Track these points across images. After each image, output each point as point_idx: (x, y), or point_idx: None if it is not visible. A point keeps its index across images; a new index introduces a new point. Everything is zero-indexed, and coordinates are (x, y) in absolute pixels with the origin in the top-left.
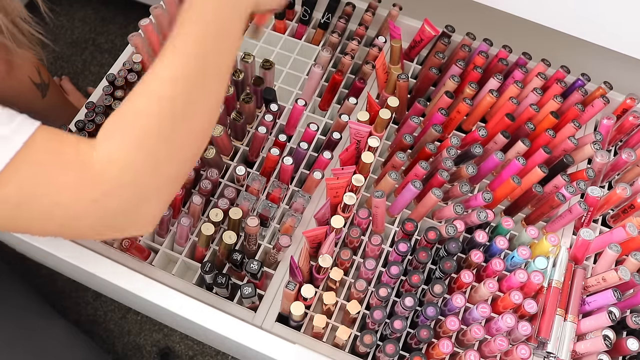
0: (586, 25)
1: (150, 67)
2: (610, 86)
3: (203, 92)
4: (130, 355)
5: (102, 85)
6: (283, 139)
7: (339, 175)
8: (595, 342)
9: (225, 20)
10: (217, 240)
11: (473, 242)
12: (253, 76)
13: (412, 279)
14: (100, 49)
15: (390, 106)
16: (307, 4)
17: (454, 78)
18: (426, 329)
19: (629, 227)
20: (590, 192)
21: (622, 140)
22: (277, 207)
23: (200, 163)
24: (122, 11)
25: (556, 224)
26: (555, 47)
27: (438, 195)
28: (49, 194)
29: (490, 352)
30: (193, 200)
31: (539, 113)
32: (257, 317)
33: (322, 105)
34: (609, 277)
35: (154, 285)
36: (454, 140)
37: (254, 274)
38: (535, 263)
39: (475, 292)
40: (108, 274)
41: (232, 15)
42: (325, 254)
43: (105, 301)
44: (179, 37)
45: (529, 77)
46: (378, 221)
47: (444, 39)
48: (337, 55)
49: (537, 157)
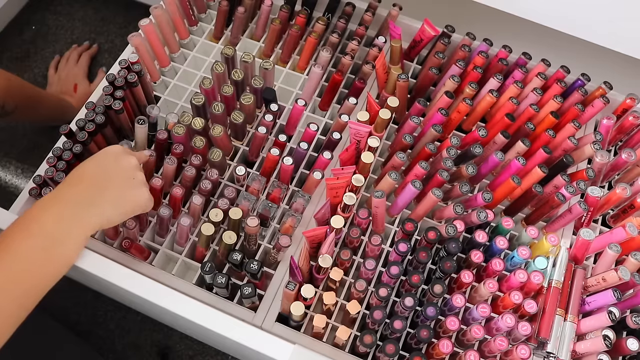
0: (586, 25)
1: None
2: (610, 86)
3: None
4: (130, 355)
5: (102, 85)
6: (283, 139)
7: (339, 175)
8: (595, 342)
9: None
10: (217, 240)
11: (473, 242)
12: (253, 76)
13: (412, 279)
14: (100, 49)
15: (390, 106)
16: (307, 4)
17: (454, 78)
18: (426, 329)
19: (629, 227)
20: (590, 192)
21: (622, 140)
22: (277, 207)
23: (202, 161)
24: (122, 11)
25: (556, 224)
26: (555, 47)
27: (438, 195)
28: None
29: (490, 352)
30: (193, 200)
31: (539, 113)
32: (257, 317)
33: (322, 105)
34: (609, 277)
35: (154, 285)
36: (454, 140)
37: (254, 274)
38: (535, 263)
39: (475, 292)
40: (108, 274)
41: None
42: (325, 254)
43: (105, 301)
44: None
45: (529, 77)
46: (378, 221)
47: (444, 39)
48: (337, 55)
49: (537, 157)
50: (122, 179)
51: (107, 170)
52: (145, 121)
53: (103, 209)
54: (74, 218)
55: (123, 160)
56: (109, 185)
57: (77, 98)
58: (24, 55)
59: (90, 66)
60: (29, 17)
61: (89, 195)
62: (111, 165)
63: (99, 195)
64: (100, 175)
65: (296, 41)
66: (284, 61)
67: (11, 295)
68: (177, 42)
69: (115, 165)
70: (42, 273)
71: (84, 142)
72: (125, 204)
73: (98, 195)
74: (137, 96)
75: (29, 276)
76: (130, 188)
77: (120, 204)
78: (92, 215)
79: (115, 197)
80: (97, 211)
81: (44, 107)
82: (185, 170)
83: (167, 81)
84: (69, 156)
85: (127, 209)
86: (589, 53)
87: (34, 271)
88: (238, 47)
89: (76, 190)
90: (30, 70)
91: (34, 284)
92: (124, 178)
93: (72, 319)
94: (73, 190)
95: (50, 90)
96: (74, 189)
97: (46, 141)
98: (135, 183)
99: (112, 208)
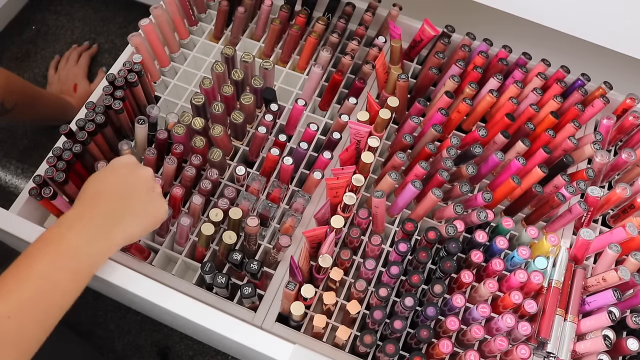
0: (586, 25)
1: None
2: (610, 86)
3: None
4: (130, 355)
5: (102, 85)
6: (283, 139)
7: (339, 175)
8: (595, 342)
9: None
10: (217, 240)
11: (473, 242)
12: (253, 76)
13: (412, 279)
14: (100, 49)
15: (390, 106)
16: (307, 4)
17: (454, 78)
18: (426, 329)
19: (629, 227)
20: (590, 192)
21: (622, 140)
22: (277, 207)
23: (202, 161)
24: (122, 11)
25: (556, 224)
26: (555, 47)
27: (438, 195)
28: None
29: (490, 352)
30: (193, 200)
31: (539, 113)
32: (257, 317)
33: (322, 105)
34: (609, 277)
35: (154, 286)
36: (454, 140)
37: (254, 274)
38: (535, 263)
39: (475, 292)
40: (108, 274)
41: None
42: (325, 254)
43: (105, 301)
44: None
45: (529, 77)
46: (378, 221)
47: (444, 39)
48: (337, 55)
49: (537, 157)
50: (142, 192)
51: (126, 184)
52: (145, 121)
53: (127, 225)
54: (100, 237)
55: (140, 171)
56: (131, 200)
57: (77, 98)
58: (24, 55)
59: (90, 66)
60: (29, 17)
61: (112, 211)
62: (129, 178)
63: (121, 211)
64: (121, 189)
65: (296, 41)
66: (284, 61)
67: (34, 317)
68: (177, 42)
69: (133, 177)
70: (66, 292)
71: (84, 142)
72: (148, 218)
73: (121, 210)
74: (137, 96)
75: (52, 296)
76: (151, 200)
77: (142, 219)
78: (117, 231)
79: (138, 212)
80: (121, 228)
81: (44, 106)
82: (185, 170)
83: (167, 81)
84: (69, 156)
85: (149, 223)
86: (589, 53)
87: (58, 291)
88: (238, 47)
89: (99, 207)
90: (30, 70)
91: (56, 303)
92: (145, 190)
93: (72, 319)
94: (96, 207)
95: (50, 90)
96: (97, 206)
97: (46, 141)
98: (154, 195)
99: (136, 224)
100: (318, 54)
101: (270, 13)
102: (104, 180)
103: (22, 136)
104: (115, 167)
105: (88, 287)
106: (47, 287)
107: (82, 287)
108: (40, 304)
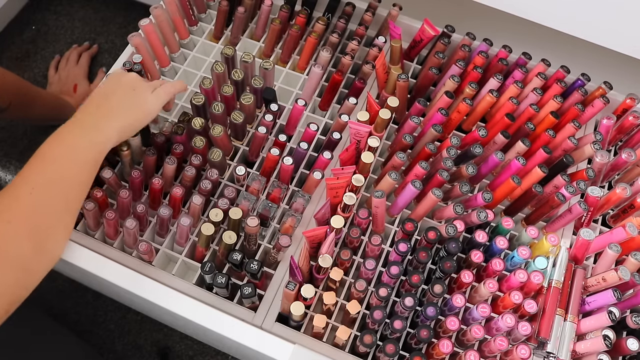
0: (586, 25)
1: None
2: (610, 86)
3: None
4: (130, 355)
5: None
6: (283, 139)
7: (339, 175)
8: (595, 342)
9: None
10: (217, 240)
11: (473, 242)
12: (253, 76)
13: (412, 279)
14: (100, 49)
15: (390, 106)
16: (307, 4)
17: (454, 78)
18: (426, 329)
19: (629, 227)
20: (590, 192)
21: (622, 140)
22: (277, 207)
23: (202, 161)
24: (122, 11)
25: (556, 224)
26: (555, 47)
27: (438, 195)
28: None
29: (490, 352)
30: (193, 200)
31: (539, 113)
32: (257, 317)
33: (322, 105)
34: (609, 277)
35: (154, 285)
36: (454, 140)
37: (254, 274)
38: (535, 263)
39: (475, 292)
40: (108, 274)
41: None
42: (325, 254)
43: (105, 301)
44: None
45: (529, 77)
46: (378, 221)
47: (444, 39)
48: (337, 55)
49: (537, 157)
50: (125, 90)
51: (108, 87)
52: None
53: (115, 119)
54: (91, 130)
55: (122, 77)
56: (114, 97)
57: (77, 98)
58: (24, 55)
59: (90, 66)
60: (29, 17)
61: (96, 108)
62: (111, 83)
63: (106, 107)
64: (105, 91)
65: (296, 41)
66: (284, 61)
67: (54, 190)
68: (177, 42)
69: (114, 81)
70: (82, 168)
71: None
72: (134, 110)
73: (106, 107)
74: None
75: (72, 173)
76: (135, 97)
77: (129, 112)
78: (107, 124)
79: (124, 106)
80: (110, 121)
81: (40, 105)
82: (185, 170)
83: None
84: None
85: (137, 116)
86: (589, 53)
87: (76, 168)
88: (238, 47)
89: (88, 108)
90: (30, 70)
91: (79, 180)
92: (127, 88)
93: (72, 319)
94: (85, 109)
95: (50, 90)
96: (86, 109)
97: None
98: (138, 92)
99: (123, 117)
100: (318, 54)
101: (270, 13)
102: (93, 92)
103: (22, 136)
104: (104, 81)
105: (88, 287)
106: (55, 177)
107: (83, 176)
108: (64, 182)
